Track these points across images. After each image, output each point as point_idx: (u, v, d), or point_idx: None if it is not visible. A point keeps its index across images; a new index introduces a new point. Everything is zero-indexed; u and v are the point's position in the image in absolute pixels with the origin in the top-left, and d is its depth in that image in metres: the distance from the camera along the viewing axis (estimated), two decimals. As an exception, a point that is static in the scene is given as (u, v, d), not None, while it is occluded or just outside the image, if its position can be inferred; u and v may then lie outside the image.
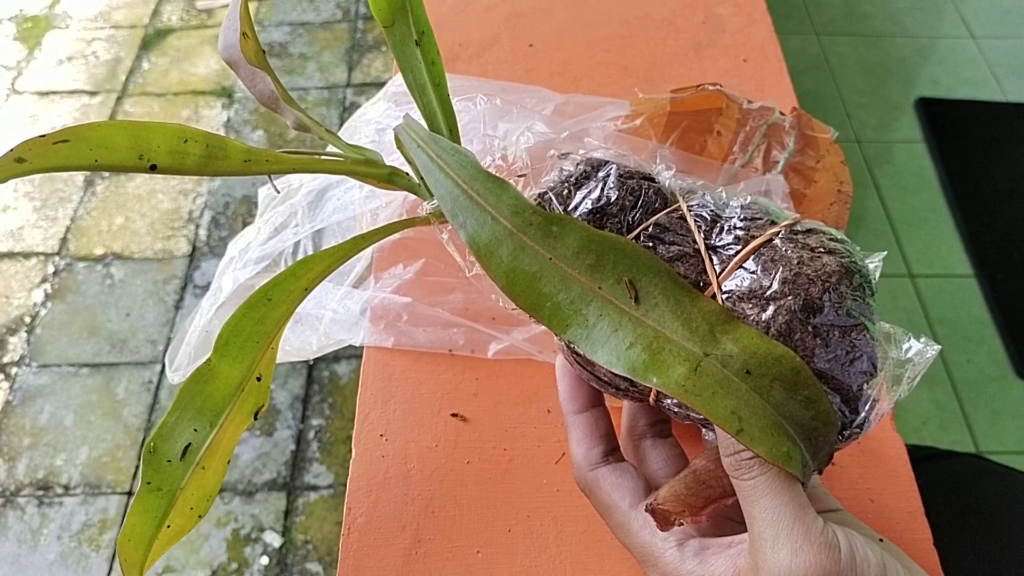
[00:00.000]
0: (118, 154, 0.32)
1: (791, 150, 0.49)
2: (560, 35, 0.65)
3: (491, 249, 0.31)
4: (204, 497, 0.34)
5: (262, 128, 1.64)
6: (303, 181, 0.50)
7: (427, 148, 0.34)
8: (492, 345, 0.47)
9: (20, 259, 1.45)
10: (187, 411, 0.33)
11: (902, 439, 0.45)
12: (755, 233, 0.31)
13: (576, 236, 0.30)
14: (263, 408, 0.36)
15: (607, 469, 0.34)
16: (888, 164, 1.58)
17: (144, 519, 0.33)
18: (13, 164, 0.29)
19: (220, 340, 0.34)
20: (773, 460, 0.27)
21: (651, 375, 0.28)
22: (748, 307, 0.30)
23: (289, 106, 0.40)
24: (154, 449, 0.33)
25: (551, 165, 0.36)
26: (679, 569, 0.31)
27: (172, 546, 0.34)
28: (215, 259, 1.45)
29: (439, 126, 0.39)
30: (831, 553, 0.27)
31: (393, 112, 0.52)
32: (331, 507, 1.18)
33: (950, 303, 1.38)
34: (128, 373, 1.31)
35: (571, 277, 0.30)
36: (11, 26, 1.83)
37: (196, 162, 0.34)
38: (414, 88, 0.40)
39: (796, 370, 0.28)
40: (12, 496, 1.18)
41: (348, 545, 0.42)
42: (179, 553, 1.13)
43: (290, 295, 0.35)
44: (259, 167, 0.36)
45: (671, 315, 0.28)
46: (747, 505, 0.29)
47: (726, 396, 0.27)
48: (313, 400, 1.29)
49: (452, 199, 0.32)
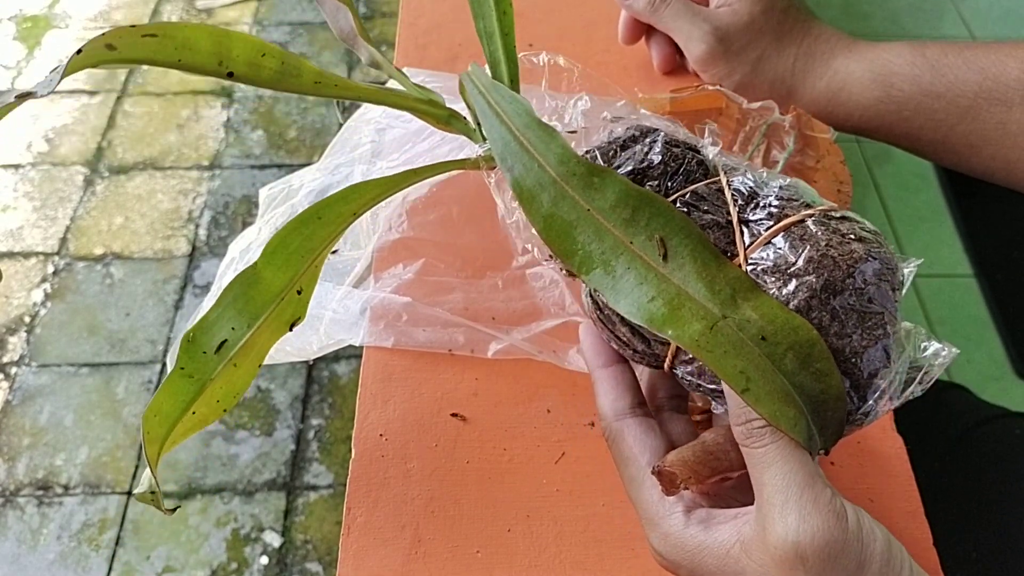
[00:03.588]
0: (200, 57, 0.34)
1: (791, 150, 0.49)
2: (560, 35, 0.65)
3: (533, 194, 0.32)
4: (231, 393, 0.36)
5: (262, 128, 1.64)
6: (303, 181, 0.50)
7: (487, 94, 0.36)
8: (492, 345, 0.47)
9: (20, 259, 1.45)
10: (228, 309, 0.34)
11: (902, 439, 0.45)
12: (789, 212, 0.32)
13: (615, 189, 0.31)
14: (299, 321, 0.37)
15: (634, 421, 0.34)
16: (888, 164, 1.58)
17: (172, 399, 0.34)
18: (103, 50, 0.31)
19: (268, 248, 0.35)
20: (776, 423, 0.28)
21: (667, 328, 0.29)
22: (771, 280, 0.30)
23: (366, 43, 0.42)
24: (192, 339, 0.34)
25: (602, 127, 0.37)
26: (682, 533, 0.31)
27: (192, 434, 0.35)
28: (215, 259, 1.45)
29: (501, 75, 0.41)
30: (839, 521, 0.27)
31: (393, 112, 0.52)
32: (331, 507, 1.18)
33: (950, 303, 1.38)
34: (128, 373, 1.31)
35: (605, 229, 0.31)
36: (11, 26, 1.83)
37: (270, 76, 0.36)
38: (483, 35, 0.42)
39: (811, 342, 0.28)
40: (12, 496, 1.18)
41: (348, 545, 0.42)
42: (179, 553, 1.13)
43: (340, 216, 0.37)
44: (328, 90, 0.38)
45: (696, 276, 0.29)
46: (757, 472, 0.29)
47: (737, 356, 0.28)
48: (313, 400, 1.29)
49: (504, 144, 0.34)
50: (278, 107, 1.67)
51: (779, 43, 0.52)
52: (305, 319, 0.37)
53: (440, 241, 0.50)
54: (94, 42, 0.31)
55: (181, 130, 1.63)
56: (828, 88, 0.51)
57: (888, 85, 0.49)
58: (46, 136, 1.62)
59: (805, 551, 0.27)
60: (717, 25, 0.51)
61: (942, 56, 0.49)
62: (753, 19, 0.51)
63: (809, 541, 0.27)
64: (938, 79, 0.48)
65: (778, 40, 0.52)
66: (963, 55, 0.48)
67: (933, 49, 0.49)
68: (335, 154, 0.52)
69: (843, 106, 0.51)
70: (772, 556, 0.28)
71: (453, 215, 0.51)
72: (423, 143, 0.49)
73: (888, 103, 0.49)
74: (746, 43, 0.51)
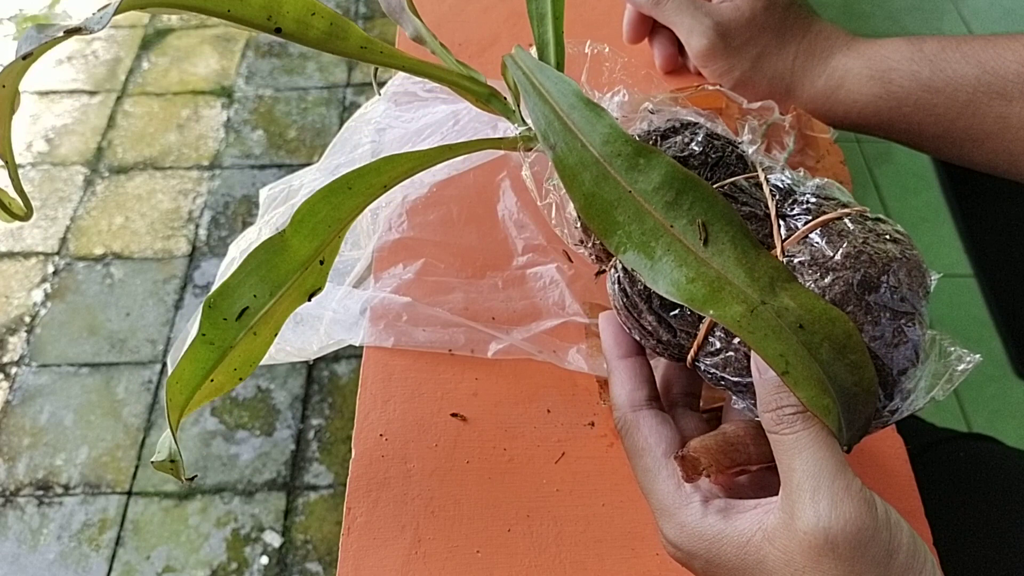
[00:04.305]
0: (251, 10, 0.34)
1: (791, 150, 0.49)
2: (560, 35, 0.65)
3: (575, 172, 0.32)
4: (248, 361, 0.36)
5: (262, 128, 1.64)
6: (304, 182, 0.50)
7: (532, 75, 0.36)
8: (492, 345, 0.47)
9: (20, 259, 1.45)
10: (251, 277, 0.34)
11: (902, 439, 0.45)
12: (826, 210, 0.32)
13: (661, 170, 0.31)
14: (319, 291, 0.37)
15: (650, 412, 0.34)
16: (888, 164, 1.58)
17: (194, 367, 0.34)
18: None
19: (296, 216, 0.35)
20: (813, 409, 0.28)
21: (709, 307, 0.29)
22: (807, 273, 0.31)
23: (413, 15, 0.42)
24: (213, 304, 0.34)
25: (641, 117, 0.38)
26: (700, 522, 0.31)
27: (210, 400, 0.36)
28: (215, 259, 1.45)
29: (548, 57, 0.41)
30: (870, 510, 0.27)
31: (393, 112, 0.52)
32: (331, 507, 1.18)
33: (950, 303, 1.38)
34: (128, 373, 1.31)
35: (646, 211, 0.31)
36: (11, 26, 1.83)
37: (318, 36, 0.36)
38: (534, 16, 0.42)
39: (848, 333, 0.28)
40: (12, 496, 1.19)
41: (348, 545, 0.42)
42: (179, 553, 1.13)
43: (370, 187, 0.36)
44: (373, 56, 0.38)
45: (735, 263, 0.29)
46: (786, 460, 0.29)
47: (777, 340, 0.28)
48: (313, 400, 1.29)
49: (547, 123, 0.34)
50: (278, 107, 1.67)
51: (780, 40, 0.52)
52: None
53: (440, 241, 0.50)
54: None
55: (181, 130, 1.63)
56: (827, 86, 0.51)
57: (887, 81, 0.49)
58: (46, 136, 1.62)
59: (836, 537, 0.27)
60: (719, 20, 0.51)
61: (940, 51, 0.49)
62: (755, 15, 0.51)
63: (840, 527, 0.27)
64: (936, 74, 0.48)
65: (779, 37, 0.52)
66: (961, 49, 0.48)
67: (931, 44, 0.49)
68: (335, 154, 0.52)
69: (842, 103, 0.51)
70: (800, 542, 0.28)
71: (453, 215, 0.51)
72: (423, 143, 0.49)
73: (887, 99, 0.49)
74: (747, 39, 0.51)
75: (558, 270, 0.48)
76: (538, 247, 0.49)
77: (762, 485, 0.33)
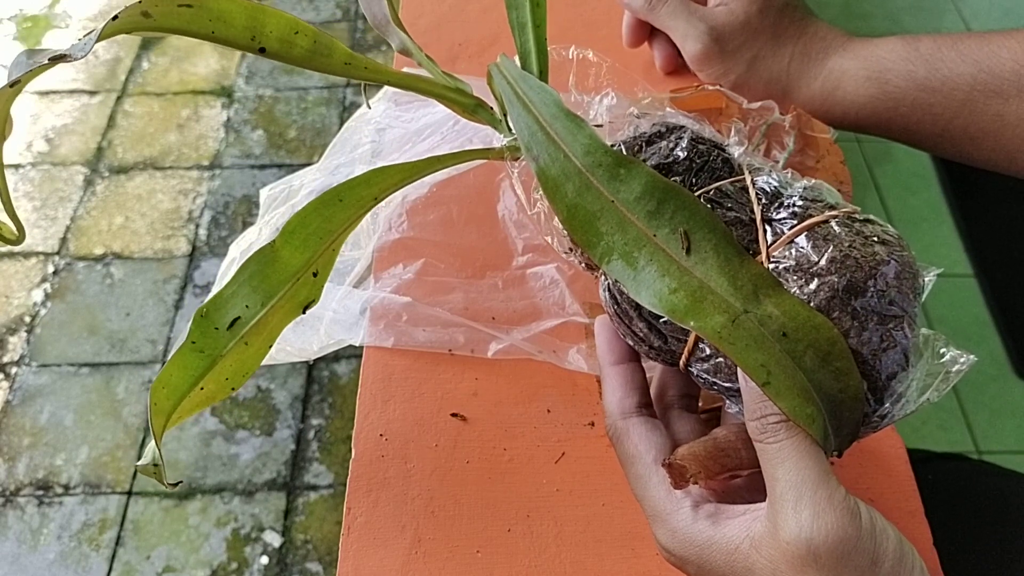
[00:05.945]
0: (234, 31, 0.34)
1: (791, 150, 0.49)
2: (560, 35, 0.65)
3: (558, 184, 0.32)
4: (241, 372, 0.35)
5: (262, 128, 1.64)
6: (304, 182, 0.50)
7: (515, 84, 0.36)
8: (492, 345, 0.47)
9: (20, 259, 1.45)
10: (243, 287, 0.34)
11: (902, 439, 0.45)
12: (812, 213, 0.32)
13: (642, 180, 0.31)
14: (313, 303, 0.37)
15: (640, 420, 0.34)
16: (888, 164, 1.58)
17: (181, 373, 0.34)
18: (139, 17, 0.31)
19: (287, 227, 0.35)
20: (795, 419, 0.28)
21: (689, 319, 0.29)
22: (792, 279, 0.30)
23: (399, 29, 0.42)
24: (205, 314, 0.34)
25: (628, 123, 0.37)
26: (690, 528, 0.31)
27: (199, 410, 0.35)
28: (215, 259, 1.45)
29: (531, 66, 0.41)
30: (853, 519, 0.27)
31: (393, 112, 0.52)
32: (331, 507, 1.18)
33: (950, 303, 1.38)
34: (128, 373, 1.31)
35: (629, 221, 0.31)
36: (11, 26, 1.83)
37: (302, 54, 0.36)
38: (515, 26, 0.42)
39: (832, 340, 0.28)
40: (12, 496, 1.19)
41: (348, 545, 0.42)
42: (179, 553, 1.13)
43: (360, 200, 0.36)
44: (358, 72, 0.38)
45: (718, 271, 0.29)
46: (770, 469, 0.29)
47: (758, 350, 0.28)
48: (313, 400, 1.29)
49: (530, 133, 0.34)
50: (278, 107, 1.67)
51: (775, 43, 0.52)
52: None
53: (440, 241, 0.50)
54: (131, 9, 0.31)
55: (181, 130, 1.63)
56: (823, 87, 0.51)
57: (883, 81, 0.49)
58: (46, 136, 1.62)
59: (818, 548, 0.27)
60: (713, 24, 0.51)
61: (936, 50, 0.49)
62: (749, 19, 0.51)
63: (823, 538, 0.27)
64: (932, 73, 0.48)
65: (774, 40, 0.52)
66: (957, 48, 0.48)
67: (927, 43, 0.49)
68: (335, 154, 0.52)
69: (839, 104, 0.51)
70: (784, 552, 0.28)
71: (453, 215, 0.51)
72: (423, 143, 0.49)
73: (884, 100, 0.49)
74: (741, 43, 0.51)
75: (558, 270, 0.48)
76: (538, 247, 0.49)
77: (758, 488, 0.33)
